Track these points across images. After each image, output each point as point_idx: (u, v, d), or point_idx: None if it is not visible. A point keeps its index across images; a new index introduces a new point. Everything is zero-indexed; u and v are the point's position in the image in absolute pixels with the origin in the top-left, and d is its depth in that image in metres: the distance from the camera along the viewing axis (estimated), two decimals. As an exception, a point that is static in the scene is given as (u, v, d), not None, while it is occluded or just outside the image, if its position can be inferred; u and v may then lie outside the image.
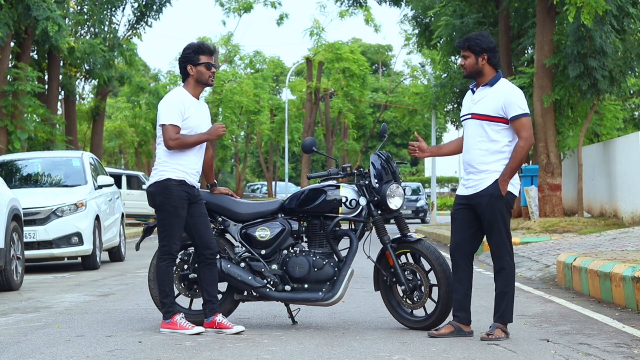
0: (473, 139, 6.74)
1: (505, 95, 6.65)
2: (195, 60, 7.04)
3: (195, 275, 7.33)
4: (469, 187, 6.75)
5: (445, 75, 28.01)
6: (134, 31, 29.43)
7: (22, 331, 7.20)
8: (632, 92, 27.17)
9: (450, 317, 6.91)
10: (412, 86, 50.34)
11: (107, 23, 27.35)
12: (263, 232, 7.34)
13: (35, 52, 25.75)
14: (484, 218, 6.67)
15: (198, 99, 7.13)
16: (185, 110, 6.97)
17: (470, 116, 6.76)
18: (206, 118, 7.19)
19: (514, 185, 6.72)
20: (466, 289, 6.78)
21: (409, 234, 7.22)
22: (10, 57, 22.64)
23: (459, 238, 6.79)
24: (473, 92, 6.81)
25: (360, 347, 6.30)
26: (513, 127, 6.64)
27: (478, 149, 6.70)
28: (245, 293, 7.33)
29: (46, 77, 26.23)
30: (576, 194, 21.78)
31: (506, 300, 6.64)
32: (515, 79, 21.22)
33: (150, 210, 29.81)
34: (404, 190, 7.38)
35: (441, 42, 25.73)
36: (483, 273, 12.24)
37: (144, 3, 28.74)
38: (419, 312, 7.29)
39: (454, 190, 68.07)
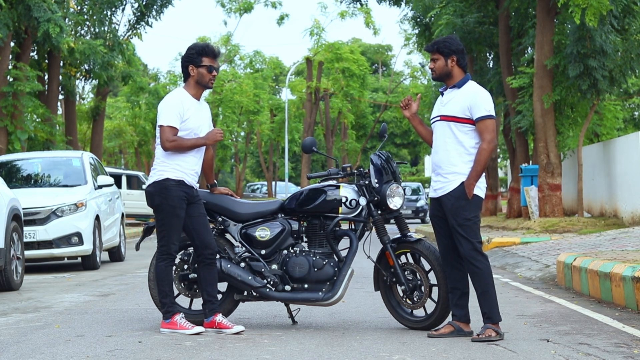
0: (442, 140, 6.76)
1: (471, 97, 6.68)
2: (198, 61, 7.03)
3: (195, 275, 7.33)
4: (437, 189, 6.81)
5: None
6: (134, 31, 29.41)
7: (22, 331, 7.20)
8: (632, 92, 27.17)
9: (450, 318, 6.92)
10: (412, 86, 50.37)
11: (107, 23, 27.34)
12: (263, 232, 7.34)
13: (35, 52, 25.73)
14: (450, 220, 6.69)
15: (199, 99, 7.12)
16: (184, 112, 6.96)
17: (439, 118, 6.80)
18: (207, 119, 7.16)
19: (481, 188, 6.74)
20: (463, 288, 6.80)
21: (409, 234, 7.23)
22: (10, 57, 22.63)
23: (446, 243, 6.82)
24: (442, 95, 6.84)
25: (360, 347, 6.30)
26: (477, 129, 6.66)
27: (446, 149, 6.72)
28: (245, 293, 7.33)
29: (46, 77, 26.21)
30: (576, 194, 21.78)
31: (488, 299, 6.63)
32: (515, 79, 21.23)
33: (151, 210, 29.74)
34: (404, 190, 7.38)
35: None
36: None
37: (144, 3, 28.72)
38: (419, 312, 7.29)
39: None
